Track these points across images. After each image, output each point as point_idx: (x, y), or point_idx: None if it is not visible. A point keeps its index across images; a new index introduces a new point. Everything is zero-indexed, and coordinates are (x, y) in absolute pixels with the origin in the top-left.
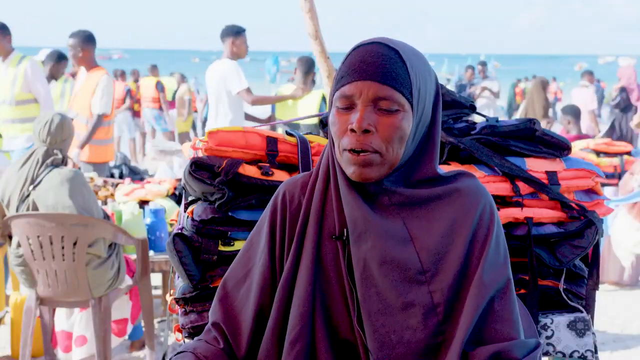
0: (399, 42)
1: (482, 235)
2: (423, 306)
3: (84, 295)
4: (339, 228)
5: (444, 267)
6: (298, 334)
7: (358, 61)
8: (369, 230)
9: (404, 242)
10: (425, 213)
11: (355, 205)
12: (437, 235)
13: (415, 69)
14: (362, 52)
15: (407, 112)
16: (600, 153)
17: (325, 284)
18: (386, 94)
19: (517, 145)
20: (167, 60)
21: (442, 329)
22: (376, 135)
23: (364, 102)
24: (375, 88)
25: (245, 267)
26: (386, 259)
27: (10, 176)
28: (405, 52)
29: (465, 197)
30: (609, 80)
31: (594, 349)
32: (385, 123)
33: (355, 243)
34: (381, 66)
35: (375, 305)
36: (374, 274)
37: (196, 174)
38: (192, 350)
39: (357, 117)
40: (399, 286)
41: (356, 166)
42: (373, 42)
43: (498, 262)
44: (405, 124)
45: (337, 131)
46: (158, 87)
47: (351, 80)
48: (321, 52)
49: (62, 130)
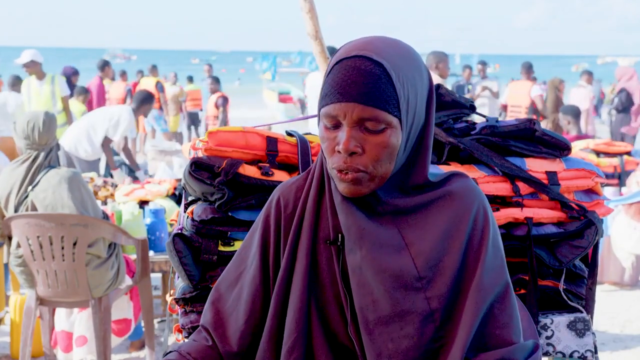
0: (385, 46)
1: (477, 238)
2: (420, 313)
3: (84, 295)
4: (333, 233)
5: (441, 273)
6: (295, 341)
7: (340, 80)
8: (364, 238)
9: (399, 249)
10: (420, 219)
11: (349, 213)
12: (432, 241)
13: (403, 79)
14: (345, 68)
15: (394, 128)
16: (600, 153)
17: (320, 288)
18: (371, 114)
19: (517, 145)
20: (165, 60)
21: (439, 335)
22: (364, 156)
23: (349, 123)
24: (359, 110)
25: (238, 270)
26: (381, 267)
27: (7, 177)
28: (391, 61)
29: (459, 199)
30: (609, 80)
31: (594, 349)
32: (372, 142)
33: (351, 251)
34: (363, 86)
35: (372, 314)
36: (370, 282)
37: (196, 174)
38: (177, 350)
39: (344, 139)
40: (395, 294)
41: (345, 184)
42: (356, 56)
43: (496, 265)
44: (394, 140)
45: (326, 149)
46: (158, 87)
47: (334, 101)
48: (321, 52)
49: (52, 128)
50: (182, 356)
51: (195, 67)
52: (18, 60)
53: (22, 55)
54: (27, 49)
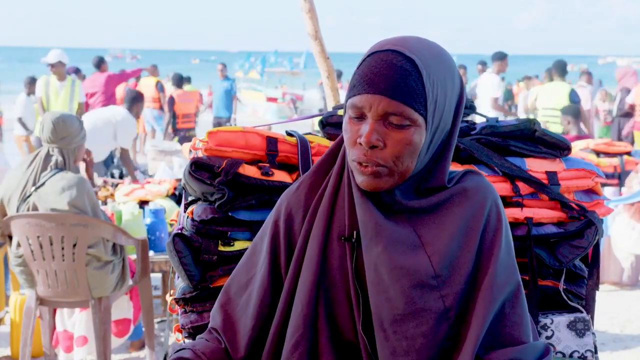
0: (419, 45)
1: (490, 236)
2: (435, 311)
3: (84, 295)
4: (349, 229)
5: (456, 270)
6: (300, 337)
7: (370, 72)
8: (380, 234)
9: (415, 247)
10: (435, 219)
11: (367, 210)
12: (448, 239)
13: (434, 79)
14: (376, 60)
15: (419, 127)
16: (600, 153)
17: (330, 285)
18: (396, 109)
19: (517, 145)
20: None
21: (453, 333)
22: (385, 150)
23: (374, 116)
24: (385, 103)
25: (248, 274)
26: (397, 264)
27: (14, 176)
28: (423, 60)
29: (473, 197)
30: (609, 81)
31: (594, 349)
32: (395, 138)
33: (367, 247)
34: (392, 80)
35: (387, 311)
36: (385, 280)
37: (196, 174)
38: (192, 347)
39: (366, 132)
40: (411, 292)
41: (365, 177)
42: (388, 50)
43: (509, 264)
44: (417, 139)
45: (348, 140)
46: (158, 87)
47: (362, 92)
48: (321, 52)
49: (62, 129)
50: (197, 355)
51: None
52: (45, 59)
53: (49, 54)
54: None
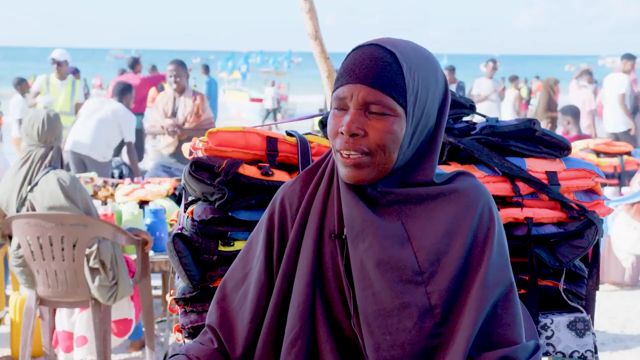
0: (403, 43)
1: (482, 236)
2: (419, 308)
3: (84, 295)
4: (338, 226)
5: (443, 268)
6: (298, 332)
7: (352, 64)
8: (366, 230)
9: (402, 242)
10: (424, 212)
11: (353, 205)
12: (435, 236)
13: (414, 73)
14: (358, 54)
15: (399, 117)
16: (600, 153)
17: (325, 281)
18: (376, 98)
19: (517, 145)
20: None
21: (438, 332)
22: (366, 138)
23: (355, 105)
24: (365, 92)
25: (244, 270)
26: (383, 259)
27: (9, 178)
28: (404, 54)
29: (465, 197)
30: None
31: (594, 349)
32: (375, 127)
33: (353, 243)
34: (372, 70)
35: (372, 306)
36: (370, 274)
37: (196, 174)
38: (185, 352)
39: (347, 121)
40: (396, 287)
41: (347, 168)
42: (371, 44)
43: (501, 264)
44: (397, 129)
45: (331, 132)
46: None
47: (344, 83)
48: (321, 52)
49: (54, 127)
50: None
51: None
52: (52, 56)
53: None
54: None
